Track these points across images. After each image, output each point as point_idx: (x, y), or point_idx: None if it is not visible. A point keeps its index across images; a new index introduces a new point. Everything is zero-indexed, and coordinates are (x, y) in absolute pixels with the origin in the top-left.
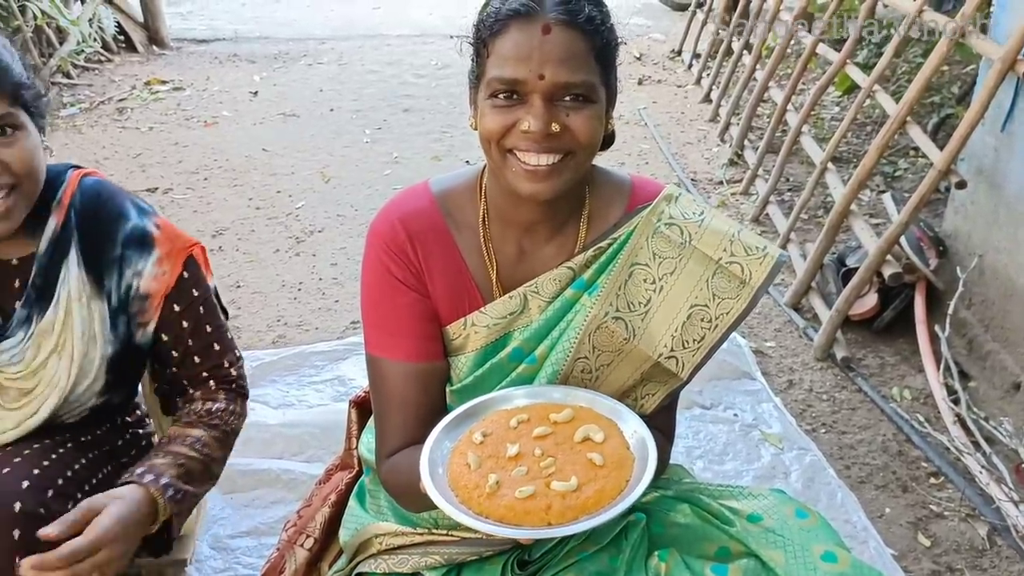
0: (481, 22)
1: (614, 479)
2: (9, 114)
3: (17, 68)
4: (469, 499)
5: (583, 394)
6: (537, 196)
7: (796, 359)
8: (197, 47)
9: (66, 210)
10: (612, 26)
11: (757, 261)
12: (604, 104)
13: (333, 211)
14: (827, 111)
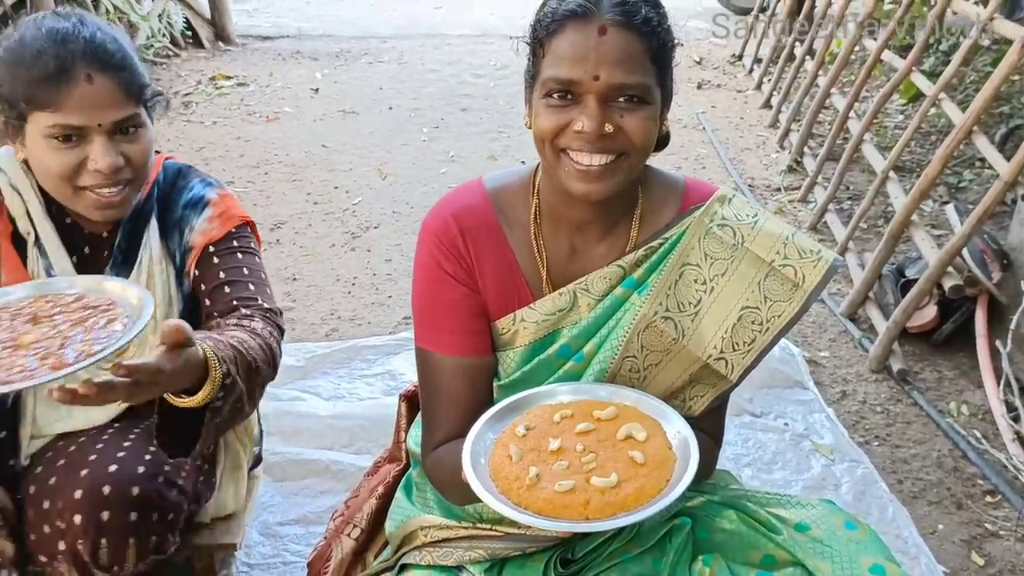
0: (538, 22)
1: (654, 478)
2: (136, 114)
3: (141, 69)
4: (509, 490)
5: (629, 393)
6: (589, 196)
7: (850, 370)
8: (261, 44)
9: (151, 186)
10: (669, 27)
11: (811, 264)
12: (659, 105)
13: (389, 208)
14: (891, 119)
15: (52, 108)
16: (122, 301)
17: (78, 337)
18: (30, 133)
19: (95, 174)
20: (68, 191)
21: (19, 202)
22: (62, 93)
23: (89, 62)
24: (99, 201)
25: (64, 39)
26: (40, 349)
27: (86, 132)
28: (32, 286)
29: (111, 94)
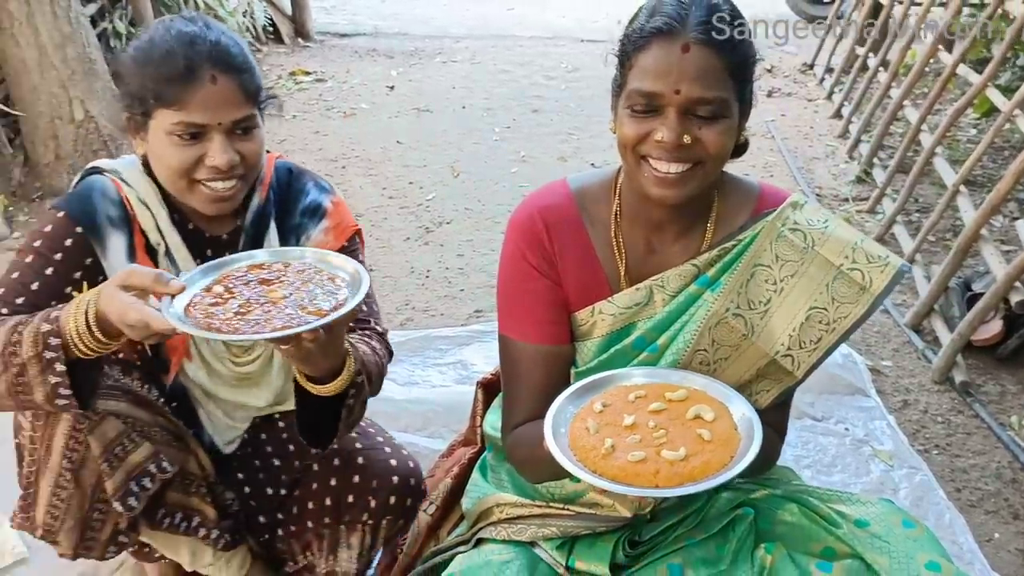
0: (627, 36)
1: (719, 454)
2: (252, 115)
3: (258, 72)
4: (586, 459)
5: (698, 378)
6: (665, 200)
7: (913, 380)
8: (339, 41)
9: (267, 189)
10: (750, 43)
11: (878, 269)
12: (737, 118)
13: (461, 204)
14: (963, 133)
15: (177, 106)
16: (340, 270)
17: (317, 292)
18: (153, 129)
19: (211, 170)
20: (183, 185)
21: (149, 216)
22: (188, 92)
23: (214, 64)
24: (212, 195)
25: (192, 41)
26: (293, 302)
27: (206, 130)
28: (271, 252)
29: (232, 95)
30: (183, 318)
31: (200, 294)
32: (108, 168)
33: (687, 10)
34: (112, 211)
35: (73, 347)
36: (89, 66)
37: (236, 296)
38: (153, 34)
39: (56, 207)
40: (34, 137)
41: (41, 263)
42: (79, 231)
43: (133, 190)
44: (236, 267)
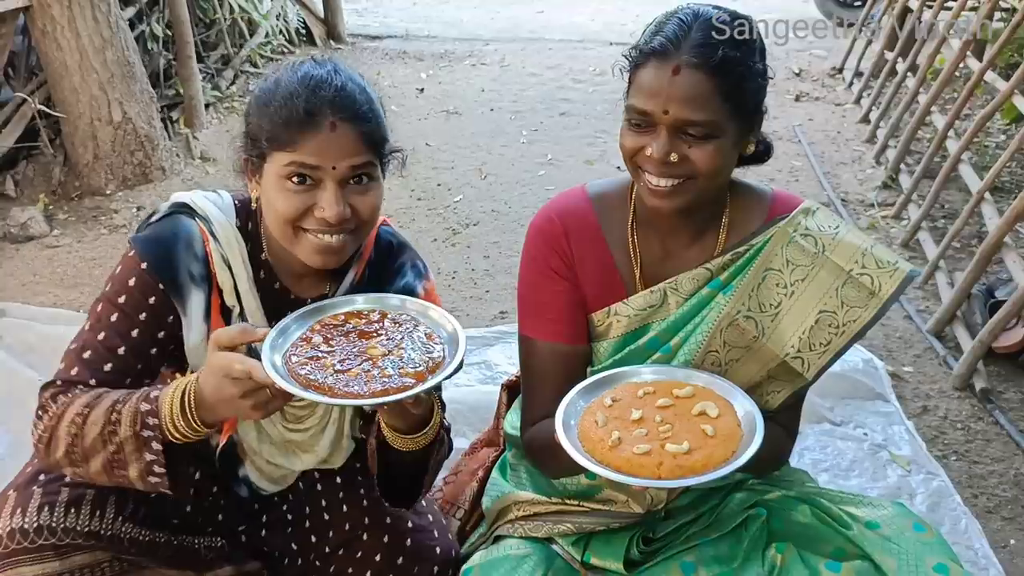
0: (633, 49)
1: (722, 449)
2: (371, 163)
3: (385, 123)
4: (593, 450)
5: (703, 375)
6: (658, 210)
7: (933, 386)
8: (370, 43)
9: (364, 265)
10: (751, 64)
11: (887, 274)
12: (733, 136)
13: (488, 206)
14: (992, 139)
15: (291, 148)
16: (439, 328)
17: (413, 354)
18: (267, 172)
19: (320, 220)
20: (290, 232)
21: (228, 276)
22: (305, 135)
23: (336, 110)
24: (318, 245)
25: (317, 86)
26: (393, 362)
27: (319, 175)
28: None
29: (350, 142)
30: (285, 374)
31: (298, 343)
32: (200, 211)
33: (686, 32)
34: (195, 267)
35: (167, 430)
36: (128, 69)
37: (335, 349)
38: (280, 75)
39: (139, 254)
40: (74, 138)
41: (127, 324)
42: (161, 288)
43: (219, 246)
44: (334, 313)
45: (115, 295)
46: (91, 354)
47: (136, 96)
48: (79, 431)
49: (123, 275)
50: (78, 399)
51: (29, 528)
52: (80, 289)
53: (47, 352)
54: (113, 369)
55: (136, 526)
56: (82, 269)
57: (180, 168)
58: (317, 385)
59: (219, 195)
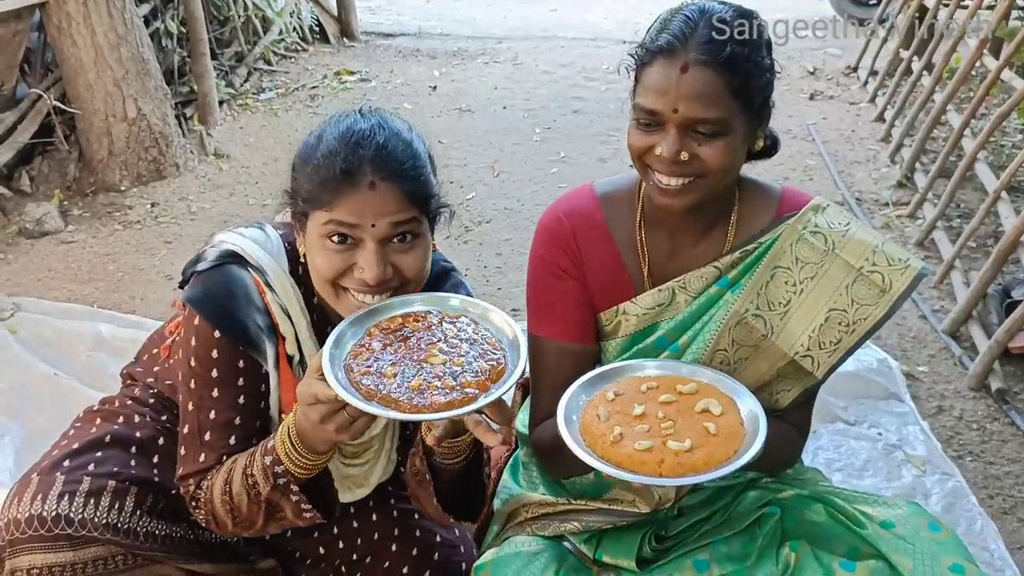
0: (640, 47)
1: (724, 447)
2: (416, 220)
3: (431, 179)
4: (595, 445)
5: (708, 372)
6: (668, 209)
7: (948, 386)
8: (383, 41)
9: None
10: (759, 59)
11: (899, 272)
12: (742, 132)
13: (501, 204)
14: (1008, 138)
15: (328, 207)
16: (500, 333)
17: (474, 362)
18: (308, 229)
19: (359, 282)
20: (331, 291)
21: (288, 326)
22: (343, 195)
23: (376, 169)
24: (359, 307)
25: (357, 143)
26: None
27: (359, 234)
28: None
29: (391, 201)
30: (346, 385)
31: (357, 349)
32: (253, 262)
33: (693, 29)
34: (259, 319)
35: (293, 472)
36: (142, 66)
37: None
38: (324, 130)
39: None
40: (89, 134)
41: (231, 395)
42: (242, 349)
43: (276, 296)
44: (391, 316)
45: (206, 371)
46: (211, 435)
47: (150, 93)
48: (232, 506)
49: (202, 348)
50: (217, 480)
51: (47, 516)
52: (95, 284)
53: (62, 346)
54: (237, 440)
55: (155, 520)
56: (96, 265)
57: (194, 165)
58: (380, 396)
59: (266, 235)
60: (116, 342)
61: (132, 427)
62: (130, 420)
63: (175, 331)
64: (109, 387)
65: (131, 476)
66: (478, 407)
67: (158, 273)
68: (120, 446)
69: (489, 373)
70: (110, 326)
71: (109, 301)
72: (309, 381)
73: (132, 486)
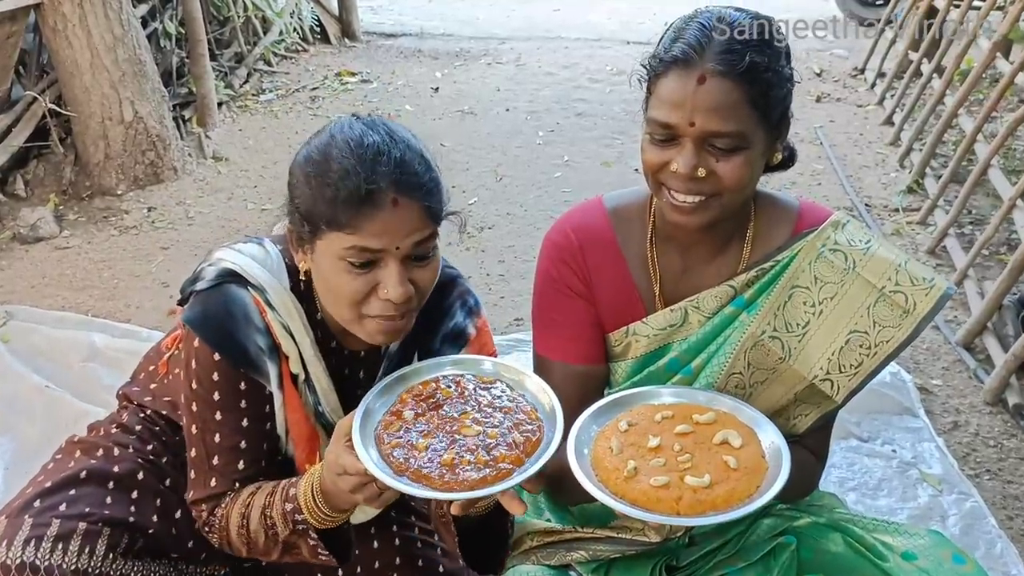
0: (652, 57)
1: (745, 483)
2: (432, 235)
3: (444, 189)
4: (607, 480)
5: (727, 400)
6: (686, 227)
7: (963, 400)
8: (385, 41)
9: None
10: (779, 68)
11: (923, 292)
12: (760, 146)
13: (504, 209)
14: (1020, 142)
15: (350, 230)
16: (537, 403)
17: (510, 434)
18: (321, 250)
19: (385, 304)
20: (352, 316)
21: (292, 345)
22: (366, 217)
23: (398, 187)
24: (381, 328)
25: (374, 159)
26: (487, 443)
27: (381, 256)
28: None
29: (414, 219)
30: (378, 459)
31: (388, 418)
32: (253, 281)
33: (708, 37)
34: (260, 340)
35: (312, 523)
36: (139, 68)
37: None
38: (329, 145)
39: (206, 343)
40: (85, 137)
41: (235, 418)
42: (243, 372)
43: (277, 315)
44: (423, 380)
45: (208, 393)
46: (219, 460)
47: (148, 95)
48: (249, 538)
49: (203, 370)
50: (233, 512)
51: (12, 564)
52: (89, 292)
53: (55, 356)
54: (246, 464)
55: (130, 561)
56: (91, 271)
57: (192, 168)
58: (412, 472)
59: (266, 251)
60: (110, 352)
61: (111, 461)
62: (110, 453)
63: (172, 345)
64: (102, 400)
65: (104, 517)
66: (511, 485)
67: (154, 280)
68: (96, 482)
69: (524, 445)
70: (104, 336)
71: (104, 309)
72: (338, 451)
73: (105, 527)
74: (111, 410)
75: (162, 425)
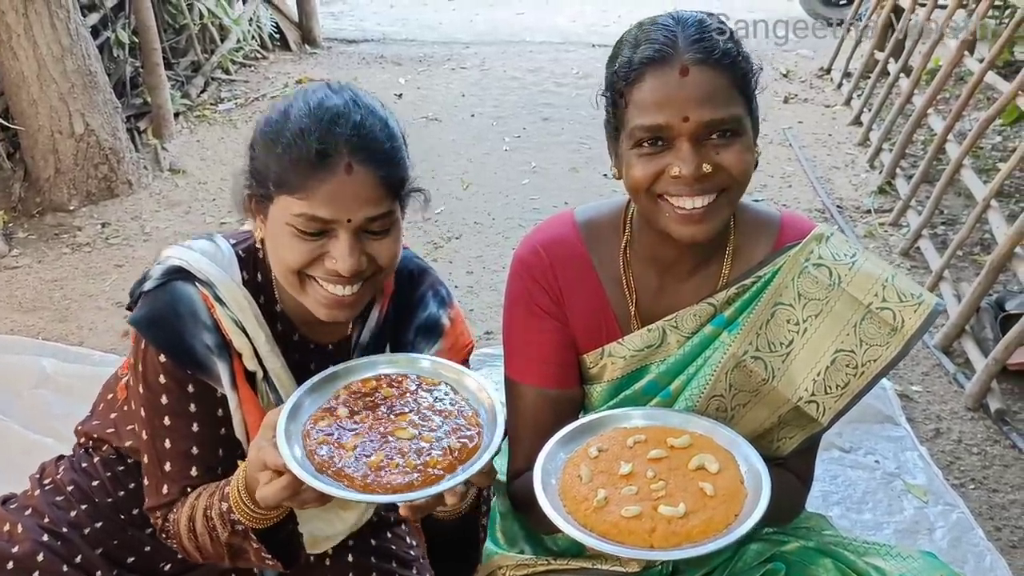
0: (615, 72)
1: (723, 512)
2: (390, 212)
3: (407, 160)
4: (576, 511)
5: (703, 422)
6: (695, 239)
7: (944, 407)
8: (346, 47)
9: (387, 301)
10: (747, 54)
11: (911, 308)
12: (751, 134)
13: (471, 218)
14: (988, 140)
15: (301, 194)
16: (478, 404)
17: (441, 432)
18: (273, 215)
19: (331, 272)
20: (296, 281)
21: (244, 341)
22: (317, 180)
23: (353, 151)
24: (328, 298)
25: (332, 121)
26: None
27: (332, 226)
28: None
29: (368, 189)
30: (302, 457)
31: (321, 414)
32: (200, 276)
33: (675, 32)
34: (208, 339)
35: (247, 524)
36: (90, 78)
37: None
38: (290, 105)
39: (151, 344)
40: (34, 151)
41: (184, 423)
42: (191, 373)
43: (227, 311)
44: (362, 378)
45: (156, 397)
46: (171, 466)
47: (99, 107)
48: (198, 543)
49: (150, 373)
50: (181, 516)
51: None
52: (38, 314)
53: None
54: (199, 471)
55: None
56: (42, 292)
57: (148, 181)
58: (334, 471)
59: (216, 245)
60: (61, 378)
61: (12, 541)
62: (14, 530)
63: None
64: (53, 430)
65: None
66: (436, 492)
67: (108, 300)
68: None
69: (459, 452)
70: (54, 360)
71: (55, 332)
72: (260, 445)
73: None
74: (62, 441)
75: (128, 464)
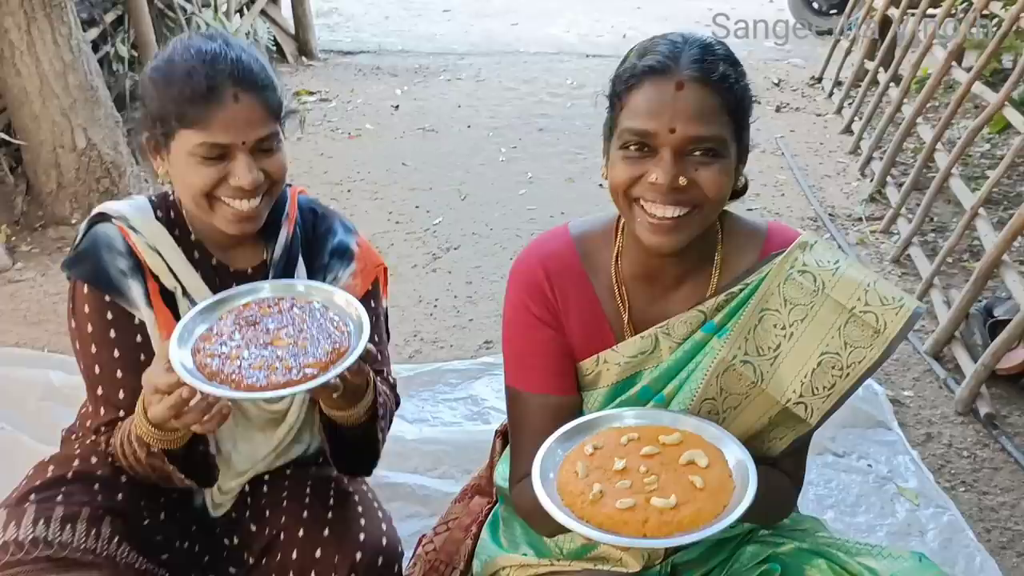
0: (617, 76)
1: (712, 503)
2: (275, 132)
3: (281, 88)
4: (573, 504)
5: (691, 420)
6: (660, 249)
7: (935, 411)
8: (343, 59)
9: (292, 224)
10: (746, 85)
11: (893, 312)
12: (734, 160)
13: (469, 229)
14: (976, 148)
15: (200, 126)
16: (346, 316)
17: (321, 340)
18: (175, 150)
19: (235, 190)
20: (205, 204)
21: (159, 260)
22: (211, 111)
23: (236, 82)
24: (235, 214)
25: (214, 59)
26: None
27: (230, 150)
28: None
29: (255, 113)
30: (192, 370)
31: (207, 336)
32: (115, 214)
33: (680, 49)
34: (122, 263)
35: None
36: (91, 94)
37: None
38: (172, 53)
39: (75, 277)
40: (36, 166)
41: (108, 349)
42: (108, 299)
43: (141, 236)
44: (244, 302)
45: (82, 327)
46: (102, 391)
47: (100, 121)
48: (130, 463)
49: (75, 304)
50: (115, 440)
51: (24, 540)
52: (44, 327)
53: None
54: (127, 394)
55: (133, 551)
56: (46, 305)
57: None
58: (223, 377)
59: (132, 198)
60: (67, 390)
61: (91, 467)
62: (86, 460)
63: None
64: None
65: (103, 505)
66: (312, 387)
67: None
68: (83, 482)
69: (331, 354)
70: (61, 373)
71: (61, 344)
72: (152, 368)
73: (107, 515)
74: None
75: None
